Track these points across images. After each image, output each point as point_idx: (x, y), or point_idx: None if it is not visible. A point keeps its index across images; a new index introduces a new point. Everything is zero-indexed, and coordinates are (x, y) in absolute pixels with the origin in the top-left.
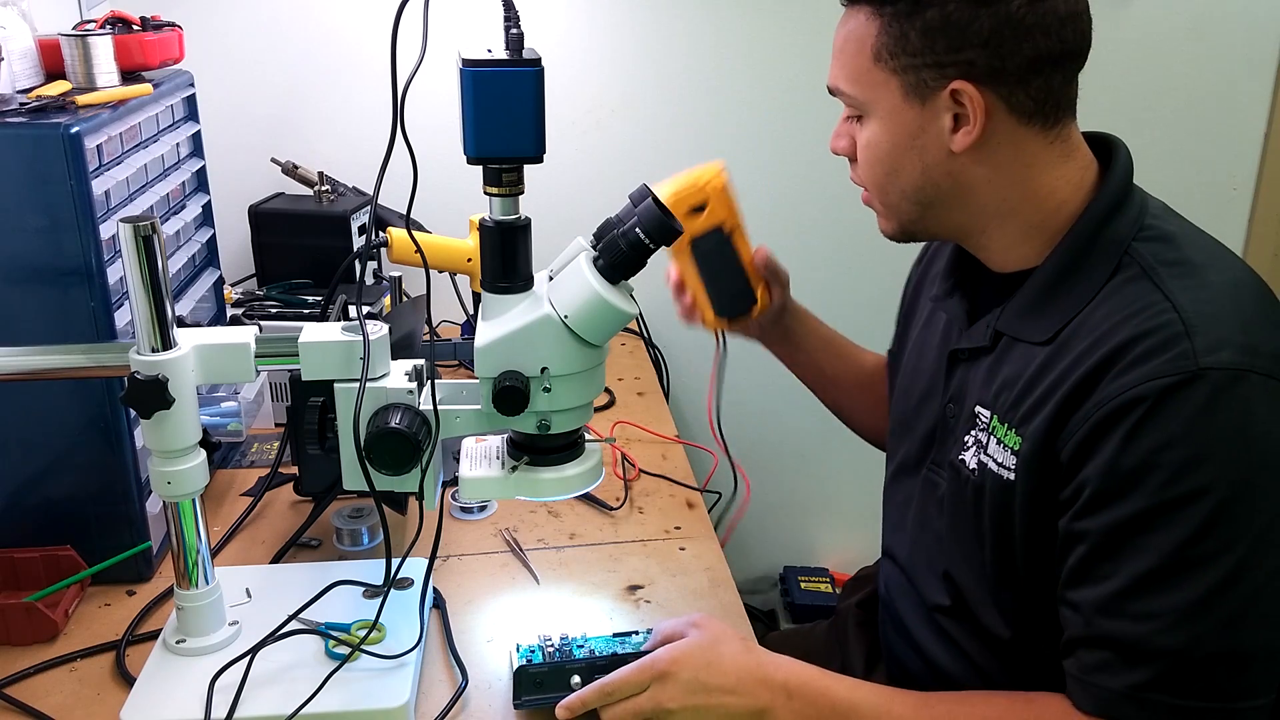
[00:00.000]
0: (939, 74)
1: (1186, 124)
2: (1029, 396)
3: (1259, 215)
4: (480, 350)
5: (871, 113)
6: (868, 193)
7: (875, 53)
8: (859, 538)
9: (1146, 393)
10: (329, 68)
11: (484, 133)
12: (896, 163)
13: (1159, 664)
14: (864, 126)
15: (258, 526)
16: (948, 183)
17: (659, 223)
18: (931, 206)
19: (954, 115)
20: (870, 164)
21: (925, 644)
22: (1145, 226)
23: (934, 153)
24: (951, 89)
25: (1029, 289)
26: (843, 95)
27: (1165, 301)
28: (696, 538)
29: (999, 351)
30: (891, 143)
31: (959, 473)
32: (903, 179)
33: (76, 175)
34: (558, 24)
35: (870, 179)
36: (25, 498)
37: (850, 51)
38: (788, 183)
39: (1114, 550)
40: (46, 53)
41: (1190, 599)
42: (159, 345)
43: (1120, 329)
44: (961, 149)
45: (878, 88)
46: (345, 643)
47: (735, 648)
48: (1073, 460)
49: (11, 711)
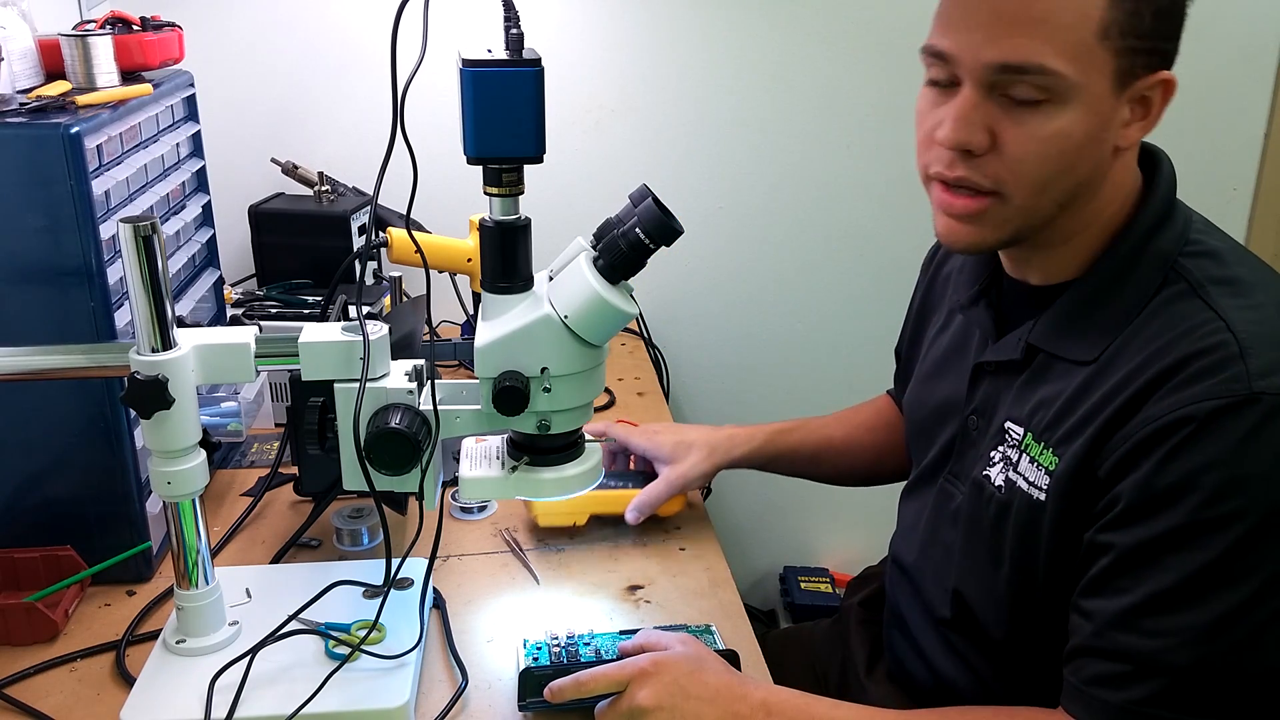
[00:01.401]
0: (1148, 62)
1: (1186, 124)
2: (1070, 416)
3: (1259, 215)
4: (480, 350)
5: (1074, 98)
6: (985, 199)
7: (1103, 28)
8: (859, 538)
9: (1196, 413)
10: (329, 68)
11: (484, 133)
12: (1077, 158)
13: (1164, 681)
14: (1046, 114)
15: (258, 526)
16: (1099, 182)
17: (659, 223)
18: (1067, 209)
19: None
20: (1042, 159)
21: (930, 651)
22: (1190, 241)
23: (1107, 147)
24: (1160, 78)
25: (1068, 303)
26: (1039, 74)
27: (1218, 320)
28: (696, 538)
29: (1035, 368)
30: (1085, 135)
31: (982, 489)
32: (1072, 177)
33: (76, 175)
34: (558, 24)
35: (1033, 176)
36: (25, 498)
37: (1066, 22)
38: (787, 182)
39: (1138, 565)
40: (46, 53)
41: (1207, 620)
42: (159, 345)
43: (1172, 348)
44: (1130, 144)
45: (1094, 69)
46: (345, 643)
47: (719, 665)
48: (1110, 475)
49: (11, 711)
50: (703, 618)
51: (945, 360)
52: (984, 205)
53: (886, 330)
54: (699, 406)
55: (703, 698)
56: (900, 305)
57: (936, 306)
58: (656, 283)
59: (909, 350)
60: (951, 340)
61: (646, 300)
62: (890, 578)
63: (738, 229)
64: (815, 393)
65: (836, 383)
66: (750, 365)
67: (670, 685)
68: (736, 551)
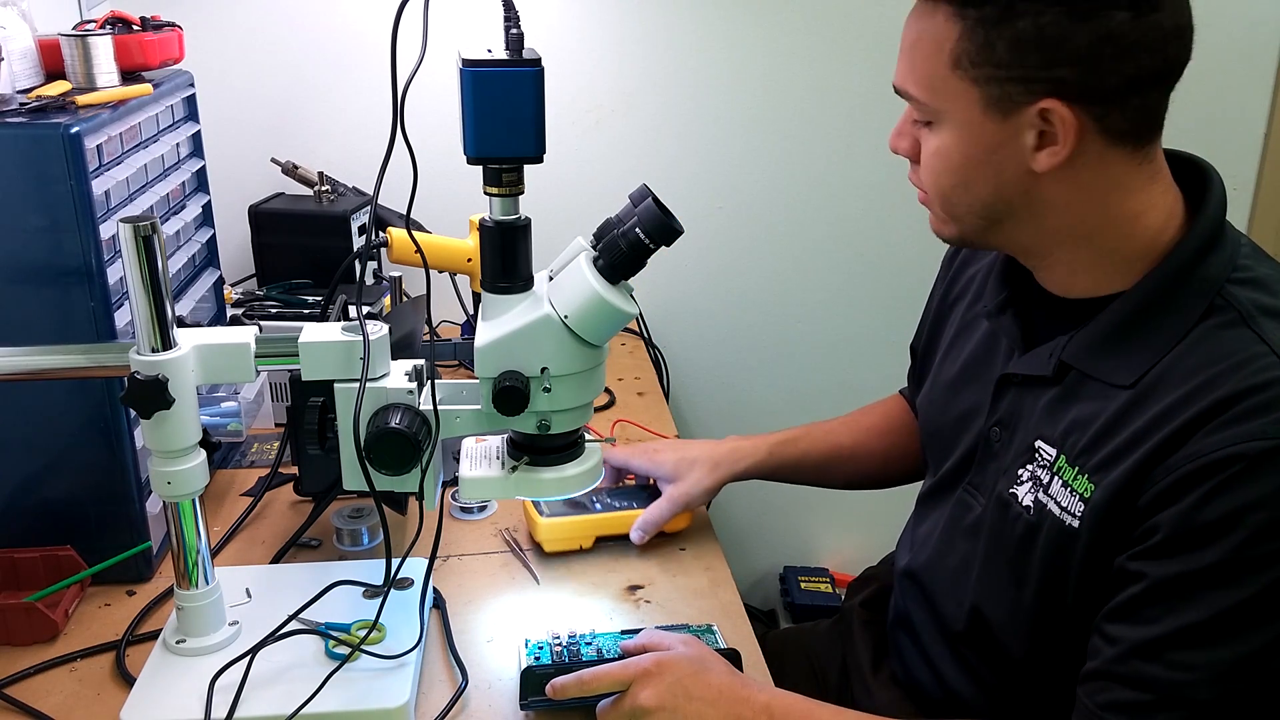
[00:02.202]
0: (1026, 89)
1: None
2: (1107, 443)
3: (1259, 215)
4: (480, 350)
5: (944, 121)
6: (926, 195)
7: (954, 59)
8: (859, 538)
9: (1248, 451)
10: (329, 67)
11: (484, 133)
12: (968, 176)
13: (1183, 714)
14: (933, 133)
15: (258, 526)
16: (1021, 201)
17: (659, 223)
18: (1000, 222)
19: (1039, 133)
20: (937, 173)
21: (939, 661)
22: (1238, 267)
23: (1011, 170)
24: (1040, 107)
25: (1106, 321)
26: (911, 99)
27: (1272, 356)
28: (696, 538)
29: (1068, 386)
30: (964, 155)
31: (1008, 507)
32: (973, 193)
33: (76, 175)
34: (558, 24)
35: (935, 187)
36: (25, 498)
37: (924, 54)
38: (789, 182)
39: (1170, 596)
40: (46, 53)
41: (1235, 657)
42: (159, 345)
43: (1222, 381)
44: (1045, 170)
45: (953, 96)
46: (345, 643)
47: (722, 667)
48: (1150, 506)
49: (11, 711)
50: (703, 618)
51: (968, 367)
52: (927, 201)
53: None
54: (699, 406)
55: (705, 699)
56: (901, 303)
57: (955, 307)
58: (656, 283)
59: (926, 347)
60: (976, 347)
61: (646, 300)
62: (900, 584)
63: (737, 229)
64: (815, 392)
65: (836, 382)
66: (750, 365)
67: (673, 686)
68: (736, 551)
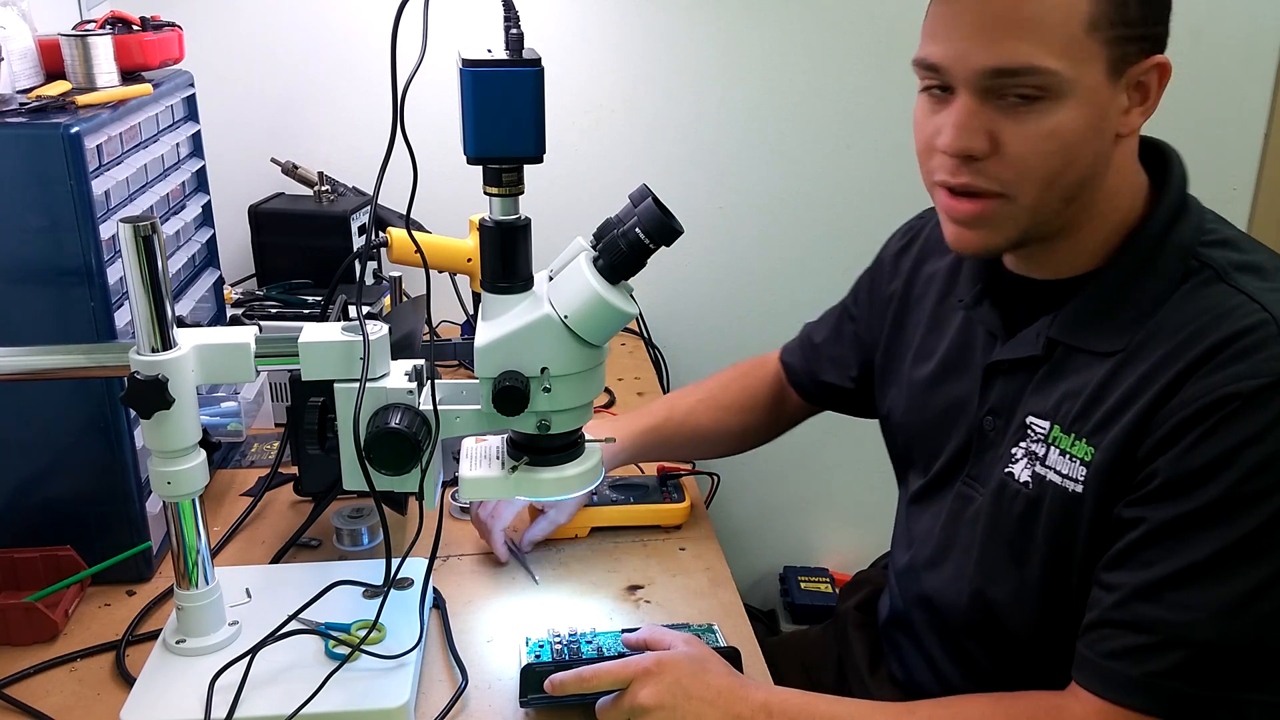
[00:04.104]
0: (1141, 47)
1: (1186, 125)
2: (1100, 405)
3: (1259, 216)
4: (480, 350)
5: (1070, 92)
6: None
7: (1091, 21)
8: (859, 538)
9: (1241, 390)
10: (329, 67)
11: (484, 133)
12: (1079, 151)
13: (1186, 653)
14: (1043, 112)
15: (258, 526)
16: (1103, 172)
17: (659, 223)
18: (1073, 202)
19: (1131, 93)
20: (1045, 156)
21: (940, 664)
22: (1206, 231)
23: (1107, 138)
24: (1155, 62)
25: (1090, 295)
26: (1032, 74)
27: (1253, 303)
28: (696, 538)
29: (1055, 362)
30: (1085, 125)
31: (1005, 487)
32: (1075, 170)
33: (76, 175)
34: (558, 24)
35: (1037, 174)
36: (25, 498)
37: (1054, 21)
38: (788, 182)
39: (1168, 538)
40: (46, 53)
41: (1235, 595)
42: (159, 345)
43: (1210, 331)
44: (1131, 131)
45: (1086, 63)
46: (345, 643)
47: (722, 667)
48: (1149, 455)
49: (11, 711)
50: (703, 618)
51: (946, 363)
52: (991, 208)
53: None
54: None
55: (704, 699)
56: None
57: (918, 306)
58: (656, 283)
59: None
60: (951, 342)
61: (646, 300)
62: (898, 583)
63: (738, 229)
64: None
65: None
66: None
67: (672, 685)
68: (736, 551)
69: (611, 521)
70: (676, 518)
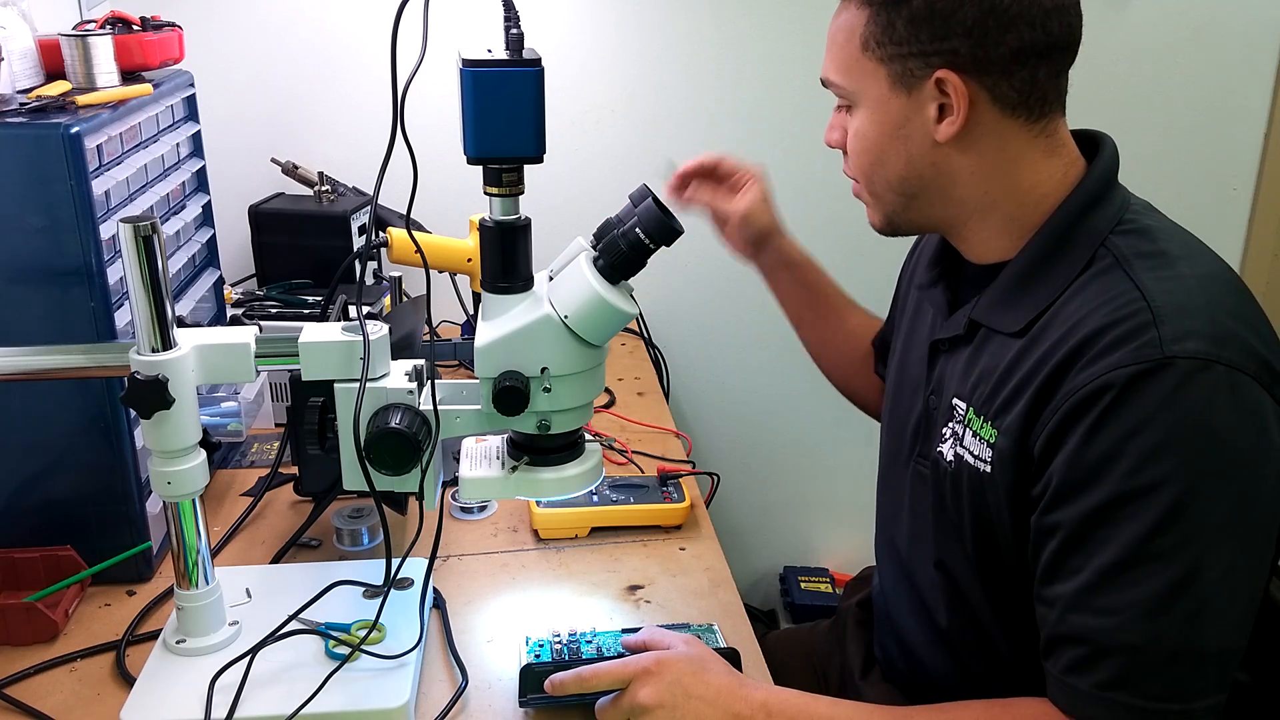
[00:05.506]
0: (924, 63)
1: (1187, 126)
2: (1003, 389)
3: (1259, 216)
4: (480, 350)
5: (860, 102)
6: (858, 184)
7: (864, 42)
8: (859, 538)
9: (1114, 380)
10: (329, 68)
11: (484, 133)
12: (883, 152)
13: (1121, 660)
14: (853, 117)
15: (258, 526)
16: (931, 173)
17: (659, 223)
18: (915, 198)
19: (939, 105)
20: (858, 154)
21: (916, 646)
22: (1124, 220)
23: (919, 142)
24: (936, 78)
25: (1004, 279)
26: (833, 86)
27: (1135, 291)
28: (696, 538)
29: (977, 343)
30: (878, 132)
31: (938, 465)
32: (888, 169)
33: (76, 175)
34: (558, 24)
35: (858, 169)
36: (25, 498)
37: (840, 42)
38: (788, 181)
39: (1082, 542)
40: (46, 53)
41: (1151, 594)
42: (159, 345)
43: (1090, 319)
44: (945, 139)
45: (865, 77)
46: (345, 643)
47: (722, 668)
48: (1043, 454)
49: (11, 711)
50: (703, 618)
51: (907, 343)
52: (858, 190)
53: None
54: (699, 406)
55: (704, 698)
56: None
57: (909, 293)
58: (656, 283)
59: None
60: (918, 324)
61: (646, 300)
62: (880, 571)
63: None
64: (815, 392)
65: None
66: (750, 365)
67: (672, 685)
68: (736, 551)
69: (611, 521)
70: (676, 518)
